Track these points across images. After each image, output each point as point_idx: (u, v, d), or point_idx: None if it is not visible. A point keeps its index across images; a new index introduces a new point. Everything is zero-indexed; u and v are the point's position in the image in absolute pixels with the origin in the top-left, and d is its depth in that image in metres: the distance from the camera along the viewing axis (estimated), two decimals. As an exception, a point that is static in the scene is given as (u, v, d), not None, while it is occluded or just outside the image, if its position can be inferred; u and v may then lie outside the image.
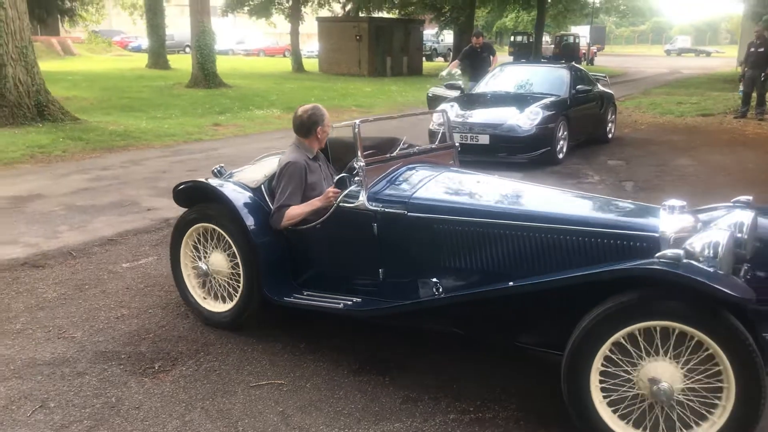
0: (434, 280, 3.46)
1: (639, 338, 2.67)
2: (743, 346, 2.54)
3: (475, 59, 12.75)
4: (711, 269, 2.65)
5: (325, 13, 34.70)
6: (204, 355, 3.71)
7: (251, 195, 4.02)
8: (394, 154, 3.97)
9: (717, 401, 2.63)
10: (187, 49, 39.39)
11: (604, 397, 2.77)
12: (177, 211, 4.86)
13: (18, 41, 11.56)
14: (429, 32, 41.22)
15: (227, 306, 4.03)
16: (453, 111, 9.71)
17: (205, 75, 20.22)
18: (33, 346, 3.81)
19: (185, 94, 18.23)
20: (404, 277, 3.58)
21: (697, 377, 2.63)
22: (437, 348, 3.81)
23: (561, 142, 9.61)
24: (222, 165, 4.57)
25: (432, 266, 3.48)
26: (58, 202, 7.04)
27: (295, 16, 31.51)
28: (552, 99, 9.90)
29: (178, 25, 44.40)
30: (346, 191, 3.70)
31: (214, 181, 4.15)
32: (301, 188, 3.87)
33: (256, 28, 53.78)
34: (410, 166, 3.98)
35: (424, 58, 35.64)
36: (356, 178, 3.69)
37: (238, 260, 3.90)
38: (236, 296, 3.96)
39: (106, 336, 3.95)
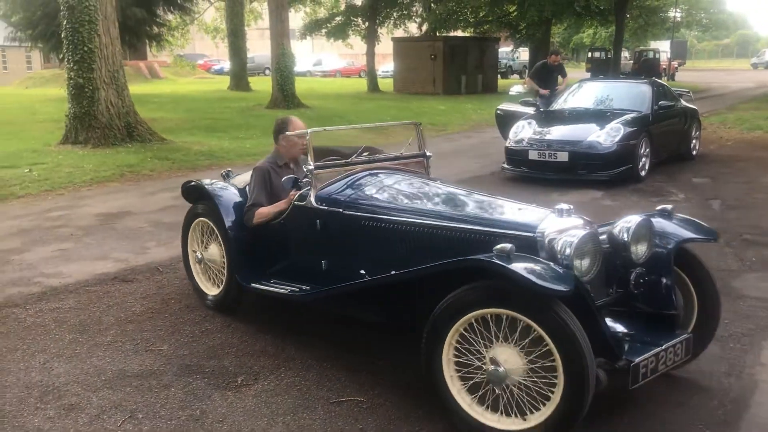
0: (362, 271, 3.80)
1: (490, 324, 2.91)
2: (569, 339, 2.72)
3: (545, 76, 12.65)
4: (536, 263, 2.86)
5: (400, 33, 35.04)
6: (285, 370, 3.76)
7: (237, 195, 4.62)
8: (350, 160, 4.41)
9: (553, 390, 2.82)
10: (267, 71, 40.48)
11: (457, 370, 3.06)
12: None
13: (110, 66, 12.16)
14: (504, 50, 41.01)
15: (216, 291, 4.66)
16: (530, 128, 9.61)
17: (285, 96, 20.71)
18: (122, 358, 3.96)
19: (265, 115, 18.69)
20: (340, 267, 3.98)
21: (538, 363, 2.82)
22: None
23: (643, 160, 9.34)
24: (230, 169, 5.21)
25: (360, 258, 3.85)
26: (146, 219, 7.32)
27: (371, 37, 31.93)
28: (633, 115, 9.65)
29: (258, 48, 45.73)
30: (300, 192, 4.17)
31: (206, 182, 4.82)
32: (265, 190, 4.43)
33: (332, 50, 54.84)
34: (373, 172, 4.33)
35: (499, 76, 35.45)
36: (305, 180, 4.19)
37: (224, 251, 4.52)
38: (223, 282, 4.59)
39: (191, 349, 4.06)
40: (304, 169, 4.21)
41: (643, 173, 9.31)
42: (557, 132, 9.53)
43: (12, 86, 38.02)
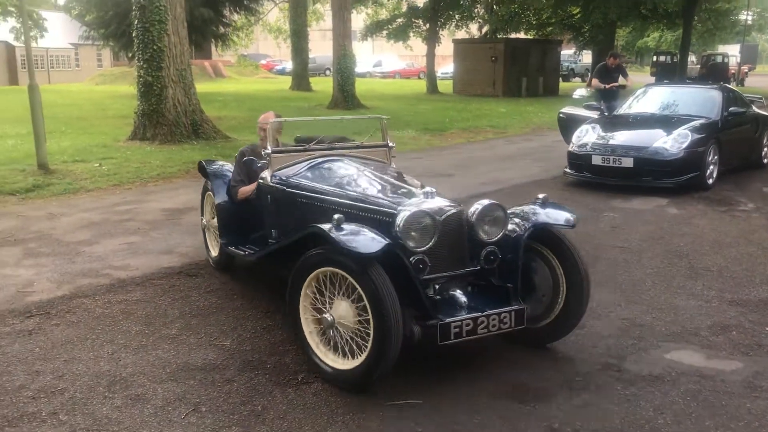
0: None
1: (335, 280, 3.57)
2: (379, 297, 3.29)
3: (605, 79, 12.43)
4: (358, 232, 3.47)
5: (461, 35, 34.88)
6: (344, 370, 3.79)
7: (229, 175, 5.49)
8: (308, 146, 5.04)
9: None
10: (328, 72, 40.83)
11: (310, 316, 3.75)
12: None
13: (178, 64, 12.49)
14: (566, 52, 40.38)
15: (215, 253, 5.64)
16: (594, 132, 9.44)
17: (345, 96, 20.90)
18: (187, 351, 4.06)
19: (326, 115, 18.88)
20: (282, 234, 4.72)
21: (363, 316, 3.44)
22: (587, 381, 3.69)
23: (711, 167, 9.06)
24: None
25: (297, 228, 4.35)
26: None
27: (431, 38, 31.90)
28: (702, 121, 9.37)
29: (319, 48, 46.18)
30: (264, 172, 4.93)
31: (208, 162, 5.88)
32: (243, 171, 5.28)
33: (392, 51, 54.96)
34: (330, 158, 4.92)
35: (560, 79, 34.93)
36: (262, 162, 5.10)
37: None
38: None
39: (253, 345, 4.13)
40: (262, 153, 5.07)
41: (710, 181, 9.04)
42: (622, 137, 9.33)
43: (84, 83, 39.39)
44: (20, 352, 4.02)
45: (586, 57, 41.15)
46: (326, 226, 3.50)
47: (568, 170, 9.54)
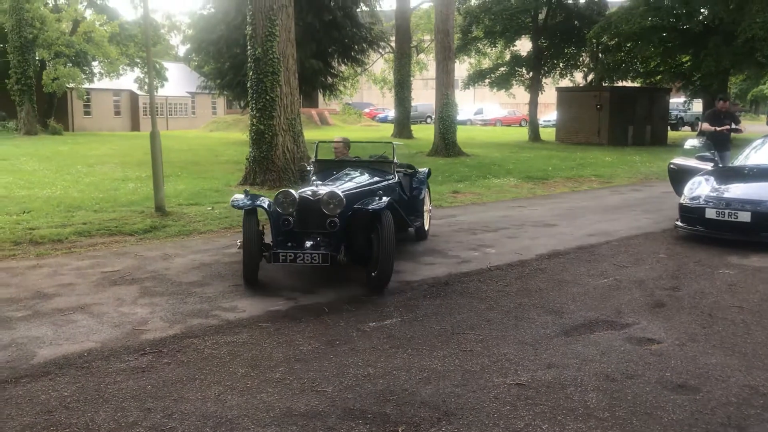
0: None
1: None
2: (245, 232, 6.49)
3: (716, 124, 11.92)
4: (248, 198, 6.61)
5: (565, 83, 34.55)
6: (446, 425, 3.73)
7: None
8: (336, 160, 8.45)
9: None
10: (429, 120, 41.19)
11: None
12: (420, 274, 5.72)
13: (288, 113, 13.02)
14: (676, 100, 39.13)
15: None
16: (708, 185, 9.04)
17: (446, 144, 21.06)
18: (290, 396, 4.11)
19: (427, 162, 19.01)
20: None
21: None
22: None
23: (838, 224, 8.44)
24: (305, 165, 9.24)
25: None
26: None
27: (534, 86, 31.77)
28: (829, 175, 8.78)
29: (421, 97, 46.88)
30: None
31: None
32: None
33: (494, 99, 55.04)
34: (355, 167, 8.06)
35: (669, 128, 33.81)
36: (307, 169, 8.28)
37: None
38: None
39: (354, 393, 4.14)
40: (309, 162, 8.44)
41: (838, 238, 8.41)
42: (738, 190, 8.89)
43: (199, 129, 41.58)
44: (134, 389, 4.21)
45: (697, 105, 39.73)
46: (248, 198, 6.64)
47: (679, 223, 9.14)
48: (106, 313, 5.71)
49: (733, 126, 12.01)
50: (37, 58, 34.58)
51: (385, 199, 6.29)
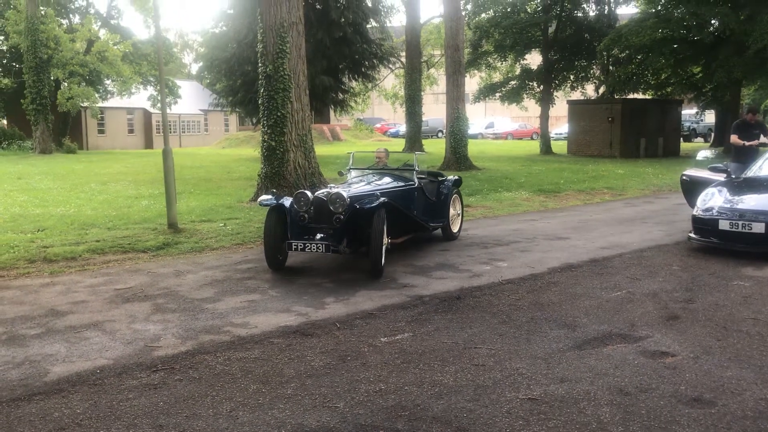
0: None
1: None
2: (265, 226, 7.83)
3: (745, 135, 11.76)
4: (274, 197, 7.93)
5: (576, 95, 34.54)
6: (458, 440, 3.71)
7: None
8: (366, 168, 9.61)
9: None
10: (440, 134, 41.22)
11: None
12: (431, 289, 5.77)
13: (299, 130, 13.09)
14: (688, 112, 38.99)
15: None
16: (721, 196, 8.98)
17: (457, 158, 21.07)
18: (301, 412, 4.10)
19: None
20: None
21: None
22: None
23: None
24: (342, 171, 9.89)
25: None
26: (326, 274, 7.66)
27: (545, 100, 31.78)
28: None
29: (432, 111, 47.00)
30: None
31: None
32: None
33: (505, 112, 55.08)
34: (381, 174, 9.23)
35: (681, 139, 33.67)
36: (344, 173, 9.58)
37: None
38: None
39: (365, 409, 4.13)
40: (346, 170, 9.59)
41: None
42: (752, 201, 8.82)
43: (211, 146, 41.84)
44: (146, 406, 4.21)
45: (709, 116, 39.56)
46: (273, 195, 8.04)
47: (692, 235, 9.08)
48: (118, 330, 5.74)
49: (762, 139, 11.77)
50: (51, 77, 35.05)
51: (378, 200, 7.38)
